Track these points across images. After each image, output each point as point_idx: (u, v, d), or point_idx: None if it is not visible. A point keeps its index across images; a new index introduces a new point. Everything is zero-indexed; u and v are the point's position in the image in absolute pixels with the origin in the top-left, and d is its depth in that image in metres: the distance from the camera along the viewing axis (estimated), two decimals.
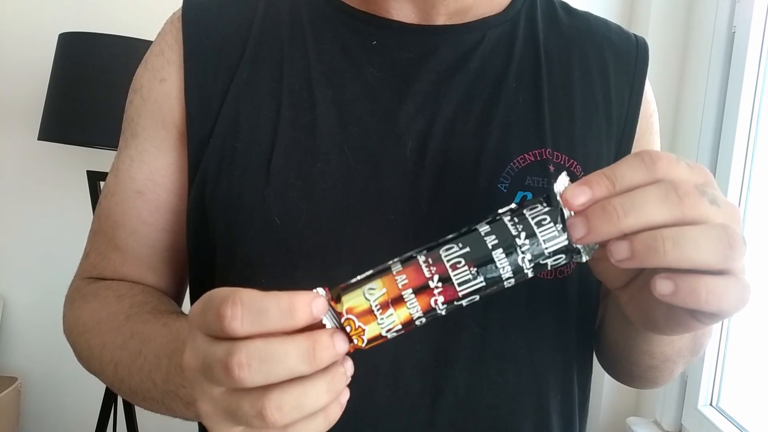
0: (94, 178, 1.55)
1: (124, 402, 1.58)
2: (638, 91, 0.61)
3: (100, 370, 0.56)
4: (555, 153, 0.56)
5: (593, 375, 0.63)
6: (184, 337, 0.41)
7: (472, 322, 0.54)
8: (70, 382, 1.78)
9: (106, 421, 1.56)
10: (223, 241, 0.56)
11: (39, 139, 1.47)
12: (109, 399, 1.56)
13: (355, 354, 0.39)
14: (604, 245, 0.39)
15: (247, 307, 0.35)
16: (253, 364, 0.34)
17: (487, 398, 0.54)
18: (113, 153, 0.65)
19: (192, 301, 0.57)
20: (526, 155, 0.55)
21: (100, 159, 1.62)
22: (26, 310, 1.80)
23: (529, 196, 0.54)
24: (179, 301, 0.66)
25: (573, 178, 0.55)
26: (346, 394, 0.39)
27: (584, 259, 0.40)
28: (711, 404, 1.37)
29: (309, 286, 0.38)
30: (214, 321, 0.35)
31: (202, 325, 0.37)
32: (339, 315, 0.38)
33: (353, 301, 0.38)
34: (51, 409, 1.83)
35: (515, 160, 0.55)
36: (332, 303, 0.38)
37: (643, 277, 0.43)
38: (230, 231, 0.55)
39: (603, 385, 1.57)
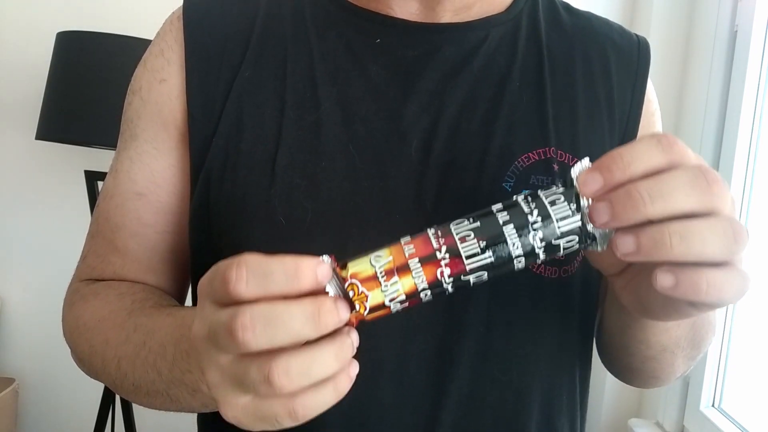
0: (92, 178, 1.54)
1: (122, 402, 1.58)
2: (640, 91, 0.62)
3: (102, 368, 0.55)
4: (559, 152, 0.56)
5: (594, 376, 0.63)
6: (190, 322, 0.41)
7: (476, 321, 0.54)
8: (68, 383, 1.78)
9: (104, 422, 1.55)
10: (228, 242, 0.56)
11: (37, 138, 1.47)
12: (107, 400, 1.55)
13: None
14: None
15: (252, 270, 0.35)
16: (257, 326, 0.34)
17: (490, 396, 0.55)
18: (111, 152, 0.64)
19: (193, 303, 0.57)
20: (530, 154, 0.55)
21: (98, 158, 1.62)
22: (24, 311, 1.80)
23: None
24: (181, 303, 0.65)
25: None
26: (355, 368, 0.38)
27: (599, 248, 0.39)
28: (713, 405, 1.37)
29: None
30: (219, 286, 0.35)
31: (210, 292, 0.37)
32: (343, 280, 0.38)
33: (358, 266, 0.38)
34: (49, 411, 1.82)
35: (519, 159, 0.55)
36: (338, 270, 0.38)
37: (640, 265, 0.43)
38: (235, 231, 0.55)
39: (605, 386, 1.56)
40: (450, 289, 0.39)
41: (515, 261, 0.39)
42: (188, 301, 0.67)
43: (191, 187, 0.58)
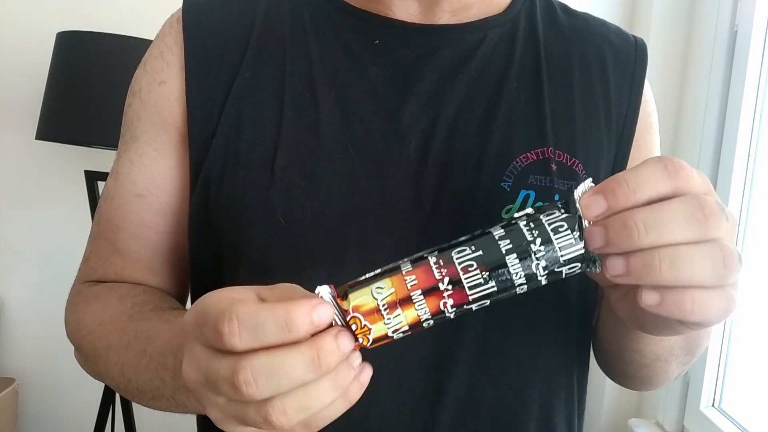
0: (92, 178, 1.54)
1: (123, 402, 1.58)
2: (637, 91, 0.62)
3: (106, 372, 0.56)
4: (557, 152, 0.56)
5: (595, 377, 0.64)
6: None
7: (474, 321, 0.54)
8: (68, 382, 1.78)
9: (104, 422, 1.55)
10: (228, 242, 0.56)
11: (37, 138, 1.47)
12: (107, 399, 1.55)
13: (360, 351, 0.38)
14: None
15: (243, 323, 0.34)
16: (260, 380, 0.34)
17: (489, 396, 0.55)
18: (111, 152, 0.65)
19: (194, 302, 0.57)
20: (528, 154, 0.56)
21: (98, 158, 1.62)
22: (24, 311, 1.80)
23: (532, 194, 0.54)
24: (182, 303, 0.65)
25: (575, 177, 0.56)
26: (367, 373, 0.38)
27: (599, 270, 0.39)
28: (713, 405, 1.37)
29: (315, 286, 0.38)
30: (212, 336, 0.35)
31: (200, 337, 0.37)
32: (345, 313, 0.37)
33: (360, 299, 0.37)
34: (49, 410, 1.82)
35: (518, 159, 0.55)
36: (338, 300, 0.38)
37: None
38: (235, 231, 0.55)
39: (605, 386, 1.56)
40: (452, 316, 0.39)
41: (517, 288, 0.38)
42: (189, 302, 0.67)
43: (191, 187, 0.58)
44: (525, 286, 0.38)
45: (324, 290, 0.38)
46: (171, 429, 1.66)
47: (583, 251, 0.37)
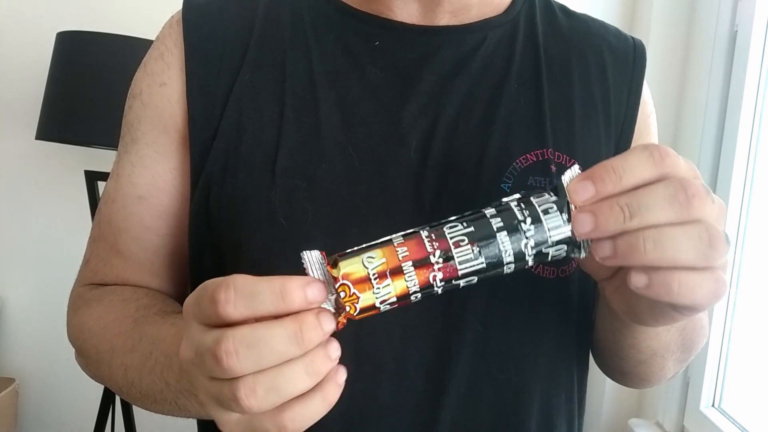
0: (92, 178, 1.54)
1: (122, 402, 1.58)
2: (636, 92, 0.62)
3: (109, 375, 0.56)
4: (556, 153, 0.57)
5: (594, 376, 0.64)
6: None
7: (474, 320, 0.54)
8: (68, 383, 1.78)
9: (104, 422, 1.55)
10: (229, 243, 0.56)
11: (37, 138, 1.47)
12: (107, 400, 1.55)
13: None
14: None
15: (239, 291, 0.35)
16: (240, 351, 0.34)
17: (488, 395, 0.55)
18: (111, 153, 0.64)
19: None
20: (528, 155, 0.56)
21: (98, 159, 1.62)
22: (24, 311, 1.80)
23: None
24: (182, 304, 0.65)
25: None
26: (342, 374, 0.38)
27: (582, 255, 0.40)
28: (713, 405, 1.37)
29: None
30: (207, 306, 0.36)
31: (197, 314, 0.37)
32: (334, 280, 0.38)
33: (351, 267, 0.38)
34: (49, 411, 1.82)
35: (517, 160, 0.55)
36: (328, 267, 0.38)
37: (627, 269, 0.43)
38: (236, 233, 0.55)
39: (605, 386, 1.56)
40: (439, 291, 0.39)
41: (505, 266, 0.39)
42: None
43: (191, 189, 0.58)
44: (513, 265, 0.39)
45: (314, 254, 0.38)
46: (171, 429, 1.66)
47: (570, 233, 0.39)
